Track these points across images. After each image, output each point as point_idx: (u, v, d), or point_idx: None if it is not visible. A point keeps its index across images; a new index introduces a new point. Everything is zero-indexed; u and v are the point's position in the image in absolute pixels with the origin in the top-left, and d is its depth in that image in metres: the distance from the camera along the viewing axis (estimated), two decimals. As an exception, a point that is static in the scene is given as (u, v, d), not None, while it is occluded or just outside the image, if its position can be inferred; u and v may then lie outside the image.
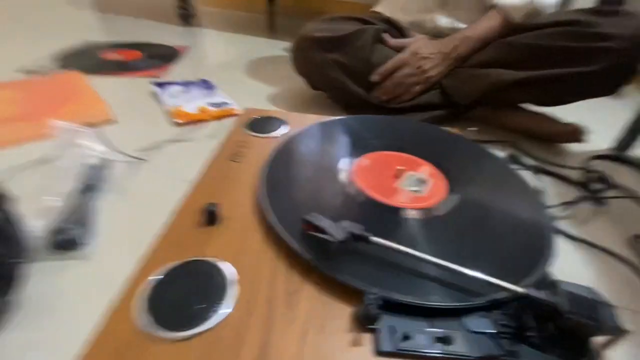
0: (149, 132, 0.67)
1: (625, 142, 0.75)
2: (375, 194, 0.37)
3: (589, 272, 0.47)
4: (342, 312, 0.27)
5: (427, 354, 0.24)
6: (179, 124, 0.68)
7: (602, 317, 0.23)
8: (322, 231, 0.29)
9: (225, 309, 0.26)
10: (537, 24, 0.68)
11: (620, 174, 0.69)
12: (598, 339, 0.26)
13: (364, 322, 0.26)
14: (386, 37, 0.76)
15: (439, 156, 0.45)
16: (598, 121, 0.87)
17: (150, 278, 0.28)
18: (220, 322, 0.25)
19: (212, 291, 0.27)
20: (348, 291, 0.28)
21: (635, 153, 0.74)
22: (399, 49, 0.75)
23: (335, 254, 0.30)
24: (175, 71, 0.97)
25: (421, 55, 0.73)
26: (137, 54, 1.00)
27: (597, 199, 0.59)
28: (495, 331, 0.26)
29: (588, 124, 0.73)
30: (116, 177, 0.53)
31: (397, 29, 0.80)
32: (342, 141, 0.46)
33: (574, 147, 0.77)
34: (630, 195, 0.62)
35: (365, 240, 0.29)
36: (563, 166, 0.68)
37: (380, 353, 0.24)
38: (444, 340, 0.25)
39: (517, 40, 0.68)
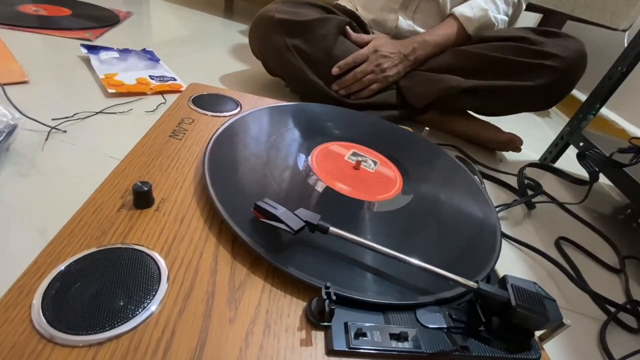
0: (72, 99, 0.57)
1: (553, 154, 0.83)
2: (333, 184, 0.35)
3: (519, 268, 0.50)
4: (291, 309, 0.24)
5: (381, 352, 0.23)
6: (112, 94, 0.59)
7: (549, 311, 0.24)
8: (276, 219, 0.26)
9: (149, 308, 0.21)
10: (490, 36, 0.72)
11: (548, 181, 0.76)
12: (537, 333, 0.26)
13: (317, 319, 0.23)
14: (348, 30, 0.75)
15: (396, 151, 0.44)
16: (528, 135, 0.96)
17: (55, 269, 0.22)
18: (142, 324, 0.21)
19: (135, 285, 0.22)
20: (299, 286, 0.25)
21: (560, 164, 0.83)
22: (360, 45, 0.75)
23: (288, 245, 0.27)
24: (113, 37, 0.85)
25: (381, 53, 0.73)
26: (64, 11, 0.86)
27: (528, 203, 0.64)
28: (447, 326, 0.25)
29: (521, 137, 0.80)
30: (22, 147, 0.44)
31: (359, 24, 0.79)
32: (301, 127, 0.43)
33: (509, 155, 0.84)
34: (556, 201, 0.69)
35: (324, 231, 0.26)
36: (501, 172, 0.74)
37: (332, 352, 0.22)
38: (398, 336, 0.24)
39: (471, 50, 0.71)
